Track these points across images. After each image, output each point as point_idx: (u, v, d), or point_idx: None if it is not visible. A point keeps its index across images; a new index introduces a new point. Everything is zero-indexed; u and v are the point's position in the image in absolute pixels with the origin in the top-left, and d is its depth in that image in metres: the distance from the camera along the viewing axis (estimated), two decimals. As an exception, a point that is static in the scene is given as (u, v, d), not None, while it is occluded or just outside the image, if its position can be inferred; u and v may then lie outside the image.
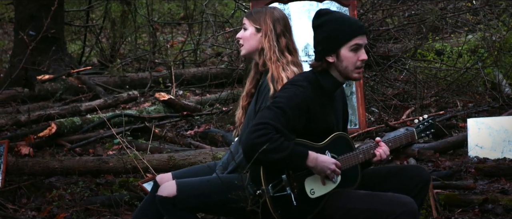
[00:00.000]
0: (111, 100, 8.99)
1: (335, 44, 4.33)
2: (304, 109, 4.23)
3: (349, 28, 4.34)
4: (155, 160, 6.32)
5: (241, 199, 4.11)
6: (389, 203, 4.22)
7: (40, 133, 7.68)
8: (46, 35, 10.11)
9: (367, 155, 4.41)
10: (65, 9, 11.79)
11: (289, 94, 4.23)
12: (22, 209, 6.13)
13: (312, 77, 4.37)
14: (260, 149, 4.05)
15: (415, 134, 4.59)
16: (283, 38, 4.71)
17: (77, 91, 9.86)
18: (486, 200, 5.65)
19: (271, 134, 4.08)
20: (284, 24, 4.74)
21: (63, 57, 10.59)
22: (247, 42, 4.77)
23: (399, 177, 4.54)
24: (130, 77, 10.28)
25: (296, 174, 4.23)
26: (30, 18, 10.29)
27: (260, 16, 4.75)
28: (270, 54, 4.66)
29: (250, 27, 4.77)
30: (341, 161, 4.31)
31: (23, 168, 6.48)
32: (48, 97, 9.64)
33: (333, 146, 4.34)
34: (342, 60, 4.34)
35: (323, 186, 4.28)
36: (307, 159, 4.17)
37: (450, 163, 6.68)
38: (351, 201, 4.27)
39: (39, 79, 9.81)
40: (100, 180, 6.54)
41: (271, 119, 4.13)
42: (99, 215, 5.95)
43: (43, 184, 6.45)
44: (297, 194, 4.22)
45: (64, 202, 6.12)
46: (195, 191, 4.44)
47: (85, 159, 6.58)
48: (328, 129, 4.36)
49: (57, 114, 8.34)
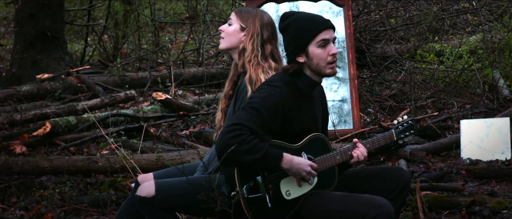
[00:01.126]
0: (108, 100, 8.99)
1: (302, 43, 4.32)
2: (280, 110, 4.22)
3: (313, 25, 4.32)
4: (144, 160, 6.32)
5: (211, 200, 4.11)
6: (365, 204, 4.21)
7: (34, 132, 7.70)
8: (46, 34, 10.21)
9: (345, 156, 4.39)
10: (66, 8, 11.82)
11: (265, 95, 4.22)
12: (11, 208, 6.15)
13: (288, 78, 4.36)
14: (232, 150, 4.04)
15: (394, 135, 4.56)
16: (269, 45, 4.69)
17: (76, 91, 9.86)
18: (473, 202, 5.62)
19: (244, 135, 4.07)
20: (271, 31, 4.72)
21: (63, 56, 10.60)
22: (228, 37, 4.76)
23: (379, 178, 4.52)
24: (130, 76, 10.28)
25: (272, 176, 4.22)
26: (30, 18, 10.31)
27: (249, 16, 4.73)
28: (251, 56, 4.64)
29: (236, 23, 4.74)
30: (318, 162, 4.29)
31: (13, 167, 6.50)
32: (47, 96, 9.66)
33: (310, 147, 4.32)
34: (312, 58, 4.32)
35: (299, 188, 4.27)
36: (282, 161, 4.15)
37: (442, 164, 6.65)
38: (327, 202, 4.26)
39: (38, 78, 9.83)
40: (90, 179, 6.55)
41: (245, 119, 4.11)
42: (86, 214, 5.96)
43: (33, 183, 6.47)
44: (273, 196, 4.21)
45: (53, 201, 6.13)
46: (173, 191, 4.45)
47: (75, 158, 6.60)
48: (305, 130, 4.35)
49: (53, 113, 8.35)
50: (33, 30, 10.34)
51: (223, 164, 4.14)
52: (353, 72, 7.63)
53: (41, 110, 8.46)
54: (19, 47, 10.47)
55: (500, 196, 5.79)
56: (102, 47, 12.29)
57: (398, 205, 4.53)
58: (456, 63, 8.92)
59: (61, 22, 10.65)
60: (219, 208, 4.08)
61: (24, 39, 10.42)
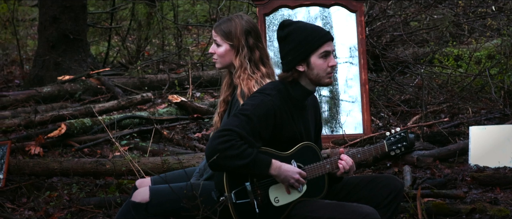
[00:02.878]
0: (124, 102, 9.12)
1: (305, 53, 4.38)
2: (271, 117, 4.28)
3: (317, 36, 4.39)
4: (150, 163, 6.42)
5: (194, 207, 4.18)
6: (351, 213, 4.25)
7: (50, 134, 7.83)
8: (68, 37, 10.37)
9: (335, 165, 4.43)
10: (89, 11, 11.97)
11: (256, 102, 4.29)
12: (21, 208, 6.27)
13: (281, 87, 4.42)
14: (221, 155, 4.11)
15: (385, 146, 4.59)
16: (257, 51, 4.73)
17: (96, 92, 10.01)
18: (473, 209, 5.62)
19: (234, 140, 4.14)
20: (255, 35, 4.74)
21: (85, 58, 10.76)
22: (222, 59, 4.77)
23: (371, 187, 4.57)
24: (149, 78, 10.39)
25: (261, 182, 4.28)
26: (53, 20, 10.48)
27: (231, 31, 4.72)
28: (240, 72, 4.68)
29: (223, 44, 4.74)
30: (307, 170, 4.35)
31: (24, 168, 6.64)
32: (67, 98, 9.80)
33: (300, 155, 4.38)
34: (313, 68, 4.39)
35: (288, 195, 4.32)
36: (270, 167, 4.21)
37: (449, 171, 6.65)
38: (314, 210, 4.31)
39: (59, 79, 9.98)
40: (99, 181, 6.66)
41: (236, 126, 4.18)
42: (92, 215, 6.07)
43: (43, 185, 6.59)
44: (261, 202, 4.27)
45: (61, 202, 6.25)
46: (167, 197, 4.52)
47: (83, 161, 6.71)
48: (295, 138, 4.40)
49: (70, 114, 8.48)
50: (55, 32, 10.52)
51: (212, 168, 4.22)
52: (364, 77, 7.66)
53: (58, 111, 8.58)
54: (42, 49, 10.65)
55: (502, 204, 5.78)
56: (126, 49, 12.43)
57: (390, 213, 4.58)
58: (474, 68, 8.88)
59: (84, 24, 10.81)
60: (202, 215, 4.15)
61: (47, 41, 10.61)
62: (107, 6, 12.87)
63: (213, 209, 4.21)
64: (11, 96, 9.55)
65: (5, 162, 6.59)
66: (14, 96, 9.55)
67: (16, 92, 9.93)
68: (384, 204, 4.53)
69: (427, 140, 7.26)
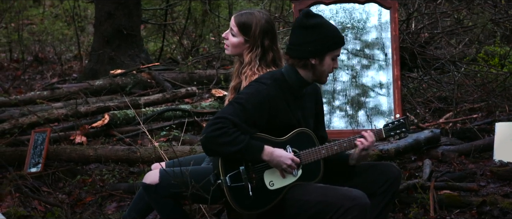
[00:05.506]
0: (169, 95, 9.42)
1: (324, 49, 4.56)
2: (265, 105, 4.48)
3: (338, 39, 4.60)
4: (178, 151, 6.69)
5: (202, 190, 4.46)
6: (341, 197, 4.43)
7: (94, 124, 8.19)
8: (122, 32, 10.76)
9: (330, 151, 4.61)
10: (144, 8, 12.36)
11: (251, 91, 4.50)
12: (56, 192, 6.64)
13: (278, 75, 4.61)
14: (214, 142, 4.35)
15: (382, 132, 4.75)
16: (271, 52, 4.88)
17: (146, 86, 10.35)
18: (484, 202, 5.73)
19: (226, 127, 4.37)
20: (271, 37, 4.88)
21: (138, 53, 11.13)
22: (233, 48, 4.94)
23: (369, 173, 4.75)
24: (198, 74, 10.68)
25: (256, 166, 4.49)
26: (108, 16, 10.88)
27: (250, 27, 4.86)
28: (247, 68, 4.86)
29: (239, 36, 4.90)
30: (303, 155, 4.55)
31: (61, 155, 7.00)
32: (118, 91, 10.17)
33: (295, 141, 4.57)
34: (323, 65, 4.58)
35: (283, 179, 4.53)
36: (263, 153, 4.43)
37: (472, 166, 6.72)
38: (307, 193, 4.50)
39: (111, 73, 10.37)
40: (133, 168, 6.99)
41: (230, 113, 4.41)
42: (120, 200, 6.38)
43: (79, 170, 6.94)
44: (256, 185, 4.48)
45: (94, 187, 6.59)
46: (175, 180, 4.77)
47: (117, 148, 7.04)
48: (292, 125, 4.60)
49: (115, 106, 8.82)
50: (110, 28, 10.92)
51: (208, 154, 4.47)
52: (397, 73, 7.76)
53: (105, 103, 8.94)
54: (97, 44, 11.08)
55: (514, 198, 5.88)
56: (182, 46, 12.76)
57: (387, 200, 4.74)
58: (510, 67, 8.89)
59: (137, 20, 11.18)
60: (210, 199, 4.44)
61: (102, 36, 11.02)
62: (162, 3, 13.23)
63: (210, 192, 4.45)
64: (65, 89, 9.96)
65: (44, 148, 6.97)
66: (67, 89, 9.96)
67: (69, 85, 10.37)
68: (380, 191, 4.70)
69: (456, 136, 7.34)
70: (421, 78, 8.74)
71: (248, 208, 4.49)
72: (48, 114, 8.34)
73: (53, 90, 9.90)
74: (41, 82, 11.83)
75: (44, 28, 14.52)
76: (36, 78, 12.33)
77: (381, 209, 4.73)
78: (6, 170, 6.78)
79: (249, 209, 4.49)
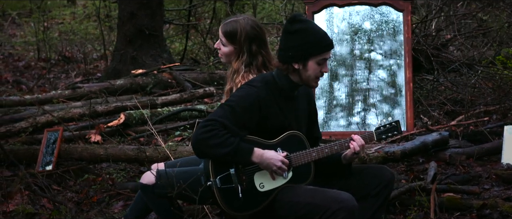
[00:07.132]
0: (187, 95, 9.52)
1: (306, 55, 4.60)
2: (256, 107, 4.54)
3: (322, 43, 4.61)
4: (185, 151, 6.77)
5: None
6: (329, 199, 4.48)
7: (109, 123, 8.31)
8: (144, 32, 10.89)
9: (321, 153, 4.66)
10: (166, 8, 12.47)
11: (241, 94, 4.57)
12: (66, 190, 6.76)
13: (269, 78, 4.67)
14: (204, 144, 4.42)
15: (374, 135, 4.80)
16: (260, 57, 4.96)
17: (166, 86, 10.46)
18: (484, 205, 5.74)
19: (216, 130, 4.44)
20: (259, 42, 4.96)
21: (160, 53, 11.25)
22: (227, 56, 5.06)
23: (362, 176, 4.80)
24: (219, 74, 10.76)
25: (246, 168, 4.56)
26: (131, 16, 11.01)
27: (236, 34, 4.94)
28: (236, 76, 4.94)
29: (228, 45, 5.00)
30: (293, 158, 4.61)
31: (72, 153, 7.13)
32: (138, 91, 10.29)
33: (286, 143, 4.63)
34: (307, 70, 4.62)
35: (273, 181, 4.59)
36: (252, 155, 4.49)
37: (480, 169, 6.72)
38: (296, 195, 4.56)
39: (132, 73, 10.50)
40: (143, 168, 7.08)
41: (220, 116, 4.48)
42: (127, 199, 6.49)
43: (90, 169, 7.06)
44: (246, 187, 4.55)
45: (103, 186, 6.70)
46: (171, 181, 4.86)
47: (126, 147, 7.15)
48: (284, 128, 4.66)
49: (132, 105, 8.93)
50: (133, 28, 11.06)
51: (198, 156, 4.56)
52: (409, 75, 7.79)
53: (122, 102, 9.06)
54: (120, 44, 11.22)
55: (515, 201, 5.87)
56: (207, 47, 12.86)
57: (379, 202, 4.79)
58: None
59: (160, 20, 11.30)
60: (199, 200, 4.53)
61: (124, 36, 11.16)
62: (185, 4, 13.34)
63: (200, 194, 4.53)
64: (86, 88, 10.11)
65: (56, 147, 7.11)
66: (88, 88, 10.11)
67: (91, 84, 10.52)
68: (373, 194, 4.75)
69: (467, 138, 7.33)
70: (436, 80, 8.74)
71: (237, 209, 4.55)
72: (64, 113, 8.47)
73: (74, 90, 10.06)
74: (66, 82, 12.03)
75: (71, 27, 14.71)
76: (61, 78, 12.53)
77: (373, 212, 4.78)
78: (18, 168, 6.92)
79: (239, 211, 4.56)
